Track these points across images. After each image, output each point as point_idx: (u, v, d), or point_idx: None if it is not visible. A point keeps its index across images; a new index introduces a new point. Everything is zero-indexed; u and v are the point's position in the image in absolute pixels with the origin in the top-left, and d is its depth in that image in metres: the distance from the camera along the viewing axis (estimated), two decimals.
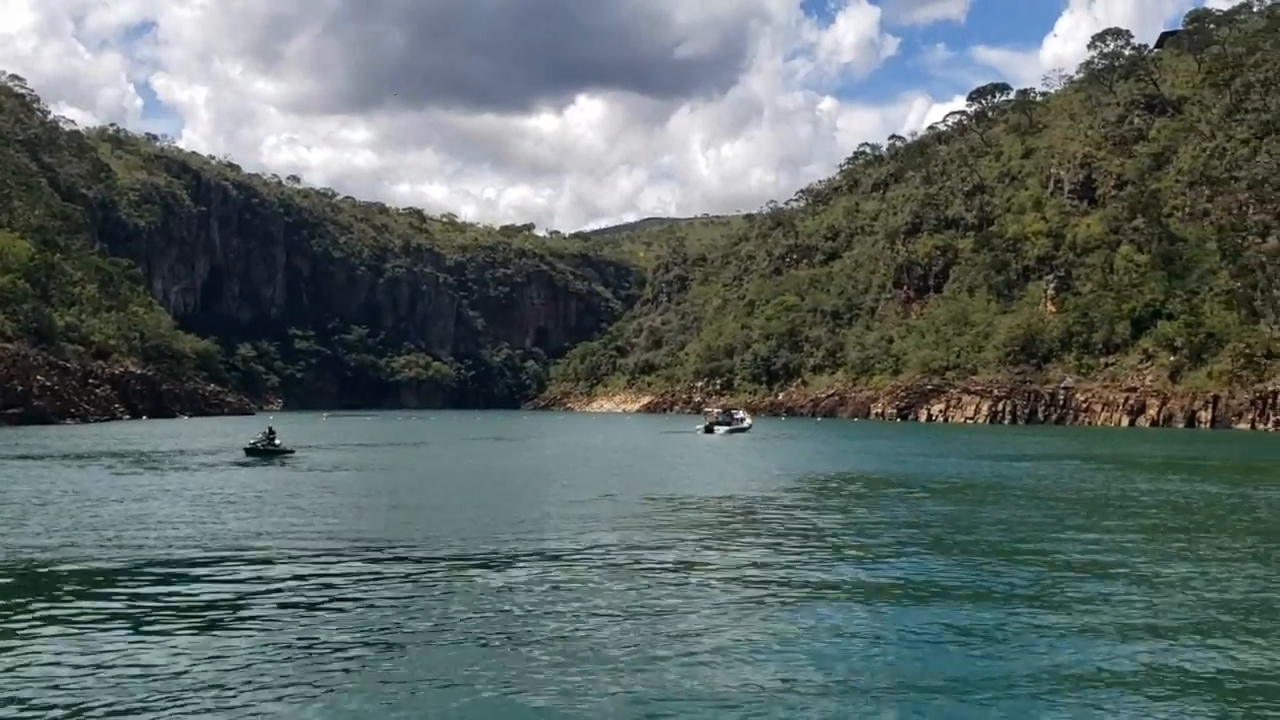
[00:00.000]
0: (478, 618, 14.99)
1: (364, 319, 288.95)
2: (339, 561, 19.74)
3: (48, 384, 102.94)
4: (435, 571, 18.82)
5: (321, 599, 16.26)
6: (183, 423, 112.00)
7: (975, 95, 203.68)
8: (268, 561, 19.80)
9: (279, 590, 17.04)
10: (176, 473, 41.90)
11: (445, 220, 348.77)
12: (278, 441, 51.53)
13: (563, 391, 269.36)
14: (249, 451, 50.75)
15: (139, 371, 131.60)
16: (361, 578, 18.14)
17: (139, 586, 17.32)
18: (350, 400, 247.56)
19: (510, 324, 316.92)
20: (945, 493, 35.48)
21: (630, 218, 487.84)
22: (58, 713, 10.72)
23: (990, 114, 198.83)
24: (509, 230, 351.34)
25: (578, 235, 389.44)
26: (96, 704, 10.98)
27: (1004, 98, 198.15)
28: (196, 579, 18.01)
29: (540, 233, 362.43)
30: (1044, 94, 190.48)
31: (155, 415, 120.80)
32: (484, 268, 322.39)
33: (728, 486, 37.99)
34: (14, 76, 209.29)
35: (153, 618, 14.91)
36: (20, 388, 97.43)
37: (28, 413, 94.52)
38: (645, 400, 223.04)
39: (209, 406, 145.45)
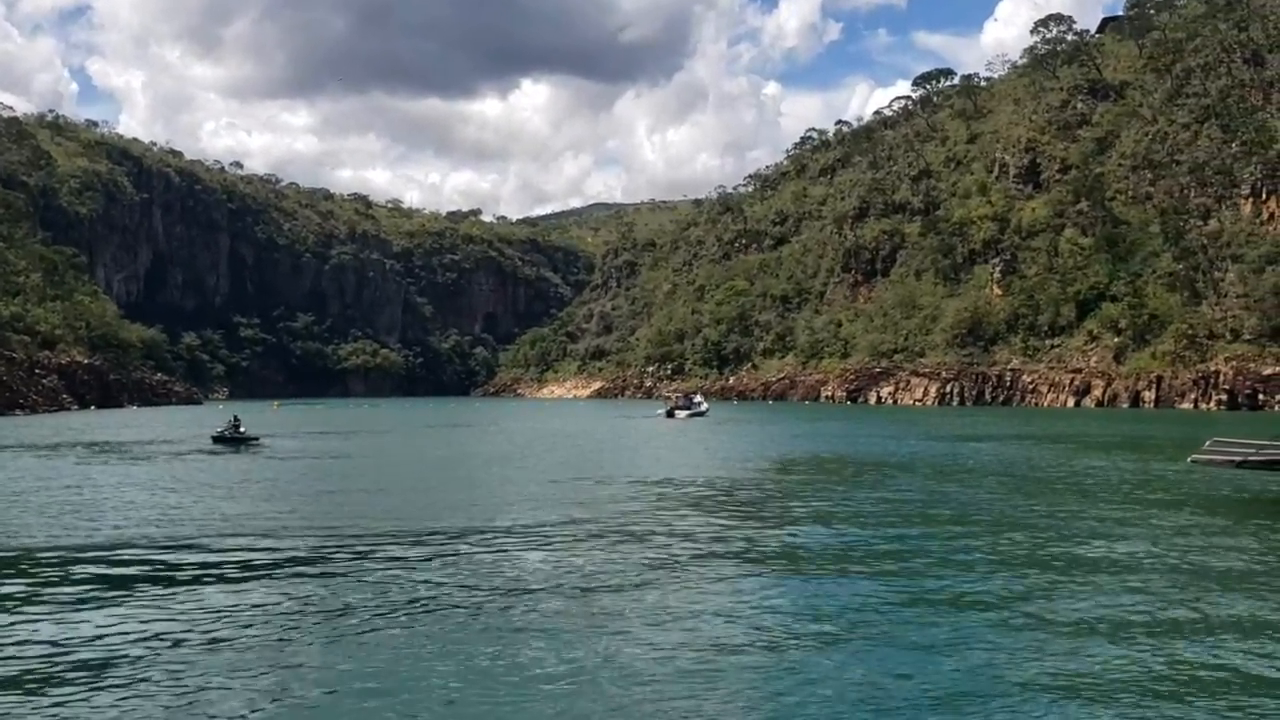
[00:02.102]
0: (465, 594, 15.47)
1: (310, 306, 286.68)
2: (327, 544, 20.01)
3: None
4: (422, 552, 19.21)
5: (313, 580, 16.66)
6: (132, 412, 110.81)
7: (920, 80, 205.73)
8: (258, 544, 20.06)
9: (272, 571, 17.43)
10: (148, 461, 41.80)
11: (391, 206, 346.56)
12: (243, 430, 51.46)
13: (513, 378, 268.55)
14: (216, 439, 50.67)
15: (86, 361, 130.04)
16: (350, 558, 18.56)
17: (131, 569, 17.58)
18: (297, 389, 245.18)
19: (459, 310, 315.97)
20: (905, 471, 36.29)
21: (576, 203, 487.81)
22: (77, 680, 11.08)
23: (935, 99, 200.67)
24: (455, 216, 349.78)
25: (525, 221, 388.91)
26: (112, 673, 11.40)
27: (948, 83, 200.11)
28: (189, 563, 18.26)
29: (487, 218, 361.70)
30: (988, 79, 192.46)
31: (103, 405, 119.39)
32: (431, 254, 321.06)
33: (701, 468, 38.56)
34: None
35: (151, 596, 15.24)
36: None
37: None
38: (596, 386, 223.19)
39: (156, 396, 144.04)
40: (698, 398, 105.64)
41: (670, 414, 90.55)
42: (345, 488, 32.63)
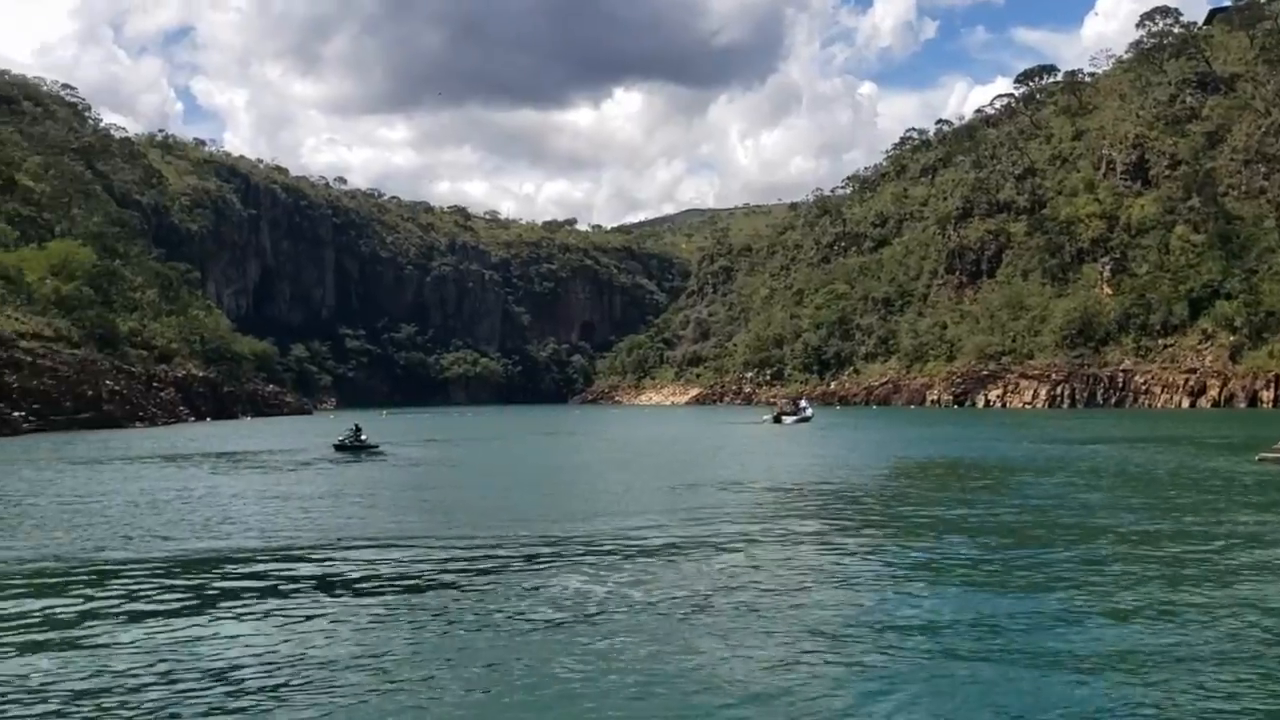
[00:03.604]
0: (597, 600, 15.55)
1: (412, 317, 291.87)
2: (465, 548, 20.23)
3: (116, 388, 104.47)
4: (557, 556, 19.35)
5: (453, 585, 16.87)
6: (247, 423, 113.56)
7: (1022, 77, 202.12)
8: (397, 550, 20.35)
9: (414, 576, 17.74)
10: (278, 471, 42.78)
11: (489, 217, 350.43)
12: (364, 438, 52.52)
13: (610, 385, 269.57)
14: (338, 448, 51.79)
15: (201, 374, 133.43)
16: (491, 561, 18.85)
17: (283, 572, 17.96)
18: (400, 398, 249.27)
19: (556, 319, 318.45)
20: (1025, 475, 35.51)
21: (669, 209, 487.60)
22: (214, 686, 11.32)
23: (1038, 96, 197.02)
24: (552, 225, 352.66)
25: (620, 229, 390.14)
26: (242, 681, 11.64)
27: (1051, 79, 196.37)
28: (332, 566, 18.64)
29: (583, 227, 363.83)
30: (1092, 75, 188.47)
31: (218, 417, 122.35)
32: (528, 263, 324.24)
33: (818, 473, 38.24)
34: (65, 85, 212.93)
35: (299, 602, 15.53)
36: (90, 392, 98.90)
37: (97, 417, 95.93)
38: (694, 392, 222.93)
39: (268, 407, 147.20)
40: (803, 403, 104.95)
41: (777, 419, 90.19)
42: (473, 494, 33.15)
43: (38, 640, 13.71)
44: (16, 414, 79.54)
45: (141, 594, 16.59)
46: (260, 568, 19.01)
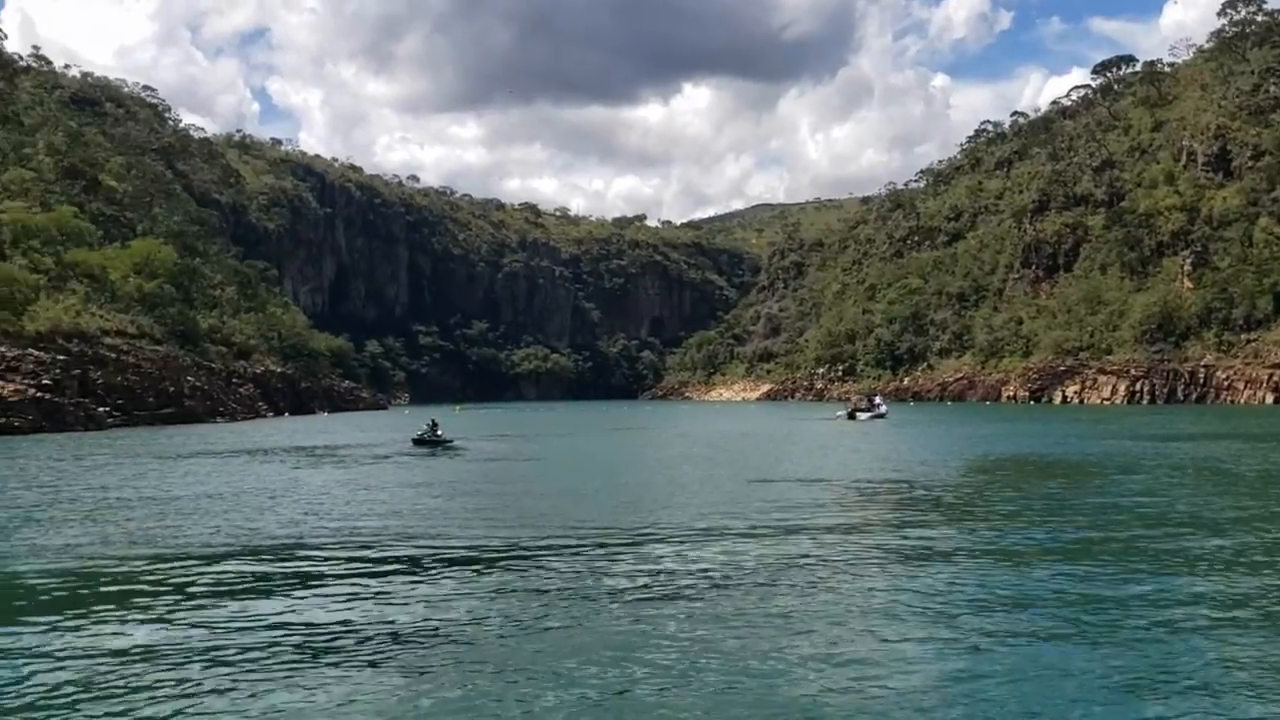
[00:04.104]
0: (680, 588, 15.69)
1: (484, 314, 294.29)
2: (544, 540, 20.46)
3: (197, 384, 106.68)
4: (638, 549, 19.54)
5: (538, 577, 17.07)
6: (325, 418, 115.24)
7: (1100, 68, 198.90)
8: (481, 543, 20.61)
9: (500, 568, 17.94)
10: (358, 465, 43.52)
11: (559, 214, 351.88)
12: (440, 433, 53.22)
13: (680, 381, 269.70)
14: (417, 442, 52.55)
15: (279, 370, 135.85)
16: (571, 553, 19.11)
17: (368, 561, 18.33)
18: (472, 394, 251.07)
19: (625, 315, 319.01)
20: (1111, 472, 34.99)
21: (738, 205, 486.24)
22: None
23: (1116, 87, 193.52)
24: (621, 222, 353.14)
25: (689, 224, 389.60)
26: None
27: (1130, 69, 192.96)
28: (417, 558, 18.95)
29: (652, 223, 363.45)
30: (1171, 64, 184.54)
31: (295, 412, 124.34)
32: (598, 260, 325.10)
33: (899, 469, 38.00)
34: (146, 87, 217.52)
35: (400, 584, 15.84)
36: (172, 388, 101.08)
37: (179, 412, 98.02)
38: (765, 388, 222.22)
39: (344, 402, 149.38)
40: (878, 399, 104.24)
41: (852, 415, 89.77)
42: (553, 488, 33.40)
43: (139, 620, 14.22)
44: (102, 409, 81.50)
45: (233, 582, 17.06)
46: (347, 558, 19.38)
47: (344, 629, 13.65)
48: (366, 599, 15.50)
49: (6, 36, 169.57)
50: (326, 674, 11.69)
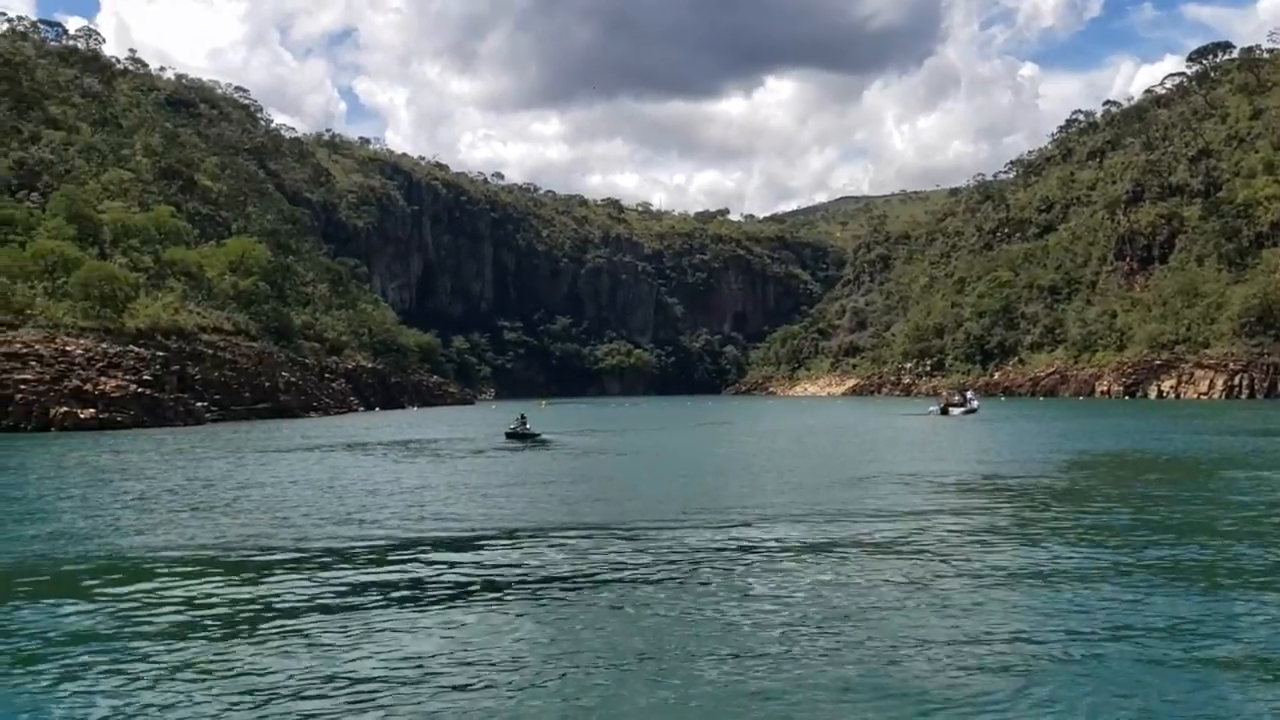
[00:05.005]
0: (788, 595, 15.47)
1: (567, 309, 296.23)
2: (640, 540, 20.40)
3: (291, 379, 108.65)
4: (733, 550, 19.40)
5: (638, 578, 16.96)
6: (414, 413, 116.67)
7: (1195, 55, 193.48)
8: (582, 539, 20.61)
9: (600, 565, 17.92)
10: (457, 458, 44.02)
11: (641, 209, 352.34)
12: (529, 426, 53.78)
13: (764, 376, 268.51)
14: (509, 436, 53.24)
15: (370, 366, 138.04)
16: (667, 552, 19.03)
17: (473, 560, 18.46)
18: (556, 389, 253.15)
19: (708, 309, 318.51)
20: (1211, 467, 33.92)
21: (821, 197, 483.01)
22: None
23: (1213, 74, 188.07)
24: (704, 216, 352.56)
25: (772, 218, 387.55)
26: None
27: (1227, 56, 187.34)
28: (523, 555, 19.07)
29: (735, 217, 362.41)
30: (1271, 51, 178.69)
31: (386, 407, 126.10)
32: (681, 255, 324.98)
33: (998, 466, 37.25)
34: (238, 88, 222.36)
35: (490, 595, 15.82)
36: (267, 383, 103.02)
37: (274, 407, 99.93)
38: (851, 383, 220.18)
39: (433, 397, 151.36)
40: (970, 394, 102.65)
41: (944, 411, 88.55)
42: (643, 483, 33.49)
43: (236, 618, 14.44)
44: (200, 404, 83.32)
45: (336, 579, 17.21)
46: (452, 555, 19.47)
47: (438, 642, 13.65)
48: (467, 610, 15.55)
49: (104, 41, 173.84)
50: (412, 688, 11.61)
